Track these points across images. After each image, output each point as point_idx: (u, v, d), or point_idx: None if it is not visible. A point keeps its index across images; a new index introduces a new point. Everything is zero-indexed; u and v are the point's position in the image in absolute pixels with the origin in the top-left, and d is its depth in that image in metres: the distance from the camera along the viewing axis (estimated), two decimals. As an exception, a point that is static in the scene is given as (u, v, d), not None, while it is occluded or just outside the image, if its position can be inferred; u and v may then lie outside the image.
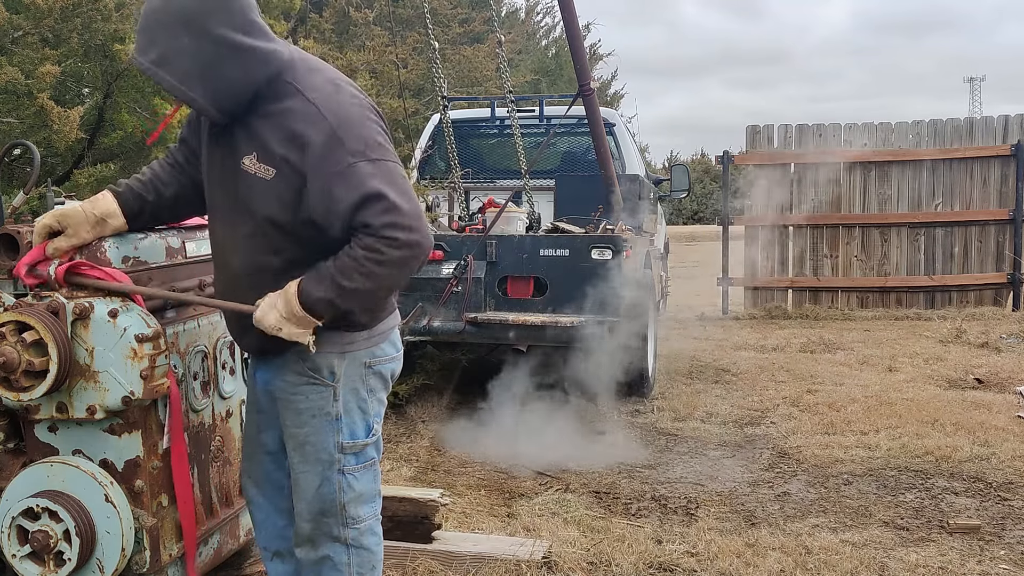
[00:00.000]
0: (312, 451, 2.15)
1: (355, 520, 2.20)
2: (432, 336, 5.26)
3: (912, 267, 10.92)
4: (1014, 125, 10.72)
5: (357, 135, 1.99)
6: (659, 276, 7.41)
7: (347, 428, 2.16)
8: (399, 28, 11.37)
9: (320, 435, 2.15)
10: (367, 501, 2.22)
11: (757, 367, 7.27)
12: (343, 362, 2.14)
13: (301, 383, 2.14)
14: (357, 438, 2.17)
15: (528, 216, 6.11)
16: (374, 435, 2.21)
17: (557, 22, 19.41)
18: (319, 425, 2.15)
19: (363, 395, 2.18)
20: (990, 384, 6.50)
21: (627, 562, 3.21)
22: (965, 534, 3.60)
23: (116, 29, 5.72)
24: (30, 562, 2.12)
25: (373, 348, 2.19)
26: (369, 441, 2.20)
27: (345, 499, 2.17)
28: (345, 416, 2.16)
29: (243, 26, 1.99)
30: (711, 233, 26.67)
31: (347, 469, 2.17)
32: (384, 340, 2.22)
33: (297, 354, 2.12)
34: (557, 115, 7.45)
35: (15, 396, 2.07)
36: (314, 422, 2.15)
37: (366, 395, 2.19)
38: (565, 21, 5.85)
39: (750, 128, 11.33)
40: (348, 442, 2.16)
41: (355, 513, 2.19)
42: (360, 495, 2.20)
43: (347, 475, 2.17)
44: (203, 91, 1.99)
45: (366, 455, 2.20)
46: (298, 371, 2.14)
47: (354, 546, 2.21)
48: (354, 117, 2.02)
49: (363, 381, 2.18)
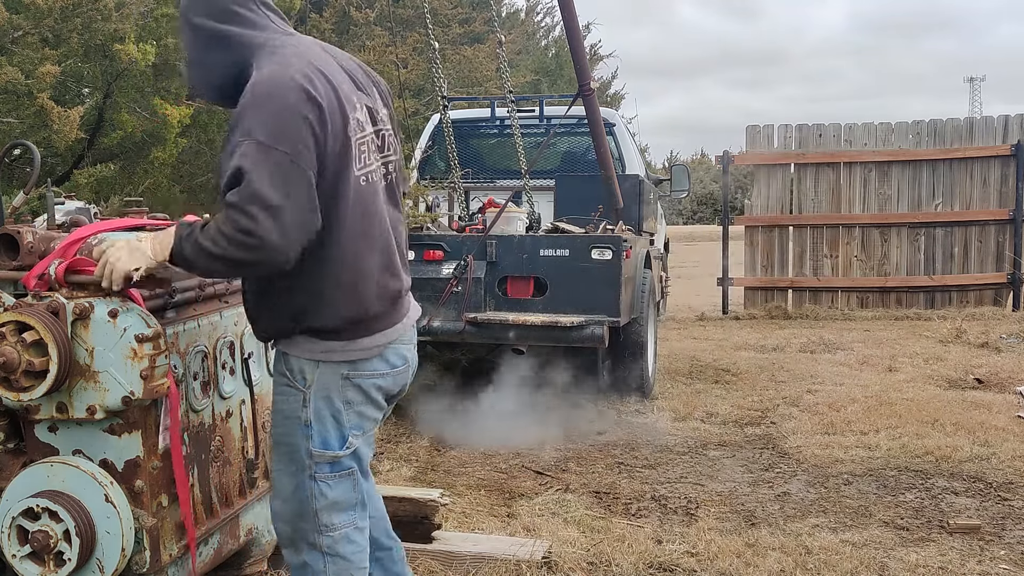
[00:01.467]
0: (286, 452, 2.15)
1: (328, 528, 2.15)
2: (432, 336, 5.26)
3: (912, 267, 10.93)
4: (1014, 125, 10.73)
5: (261, 118, 1.93)
6: (659, 276, 7.41)
7: (318, 436, 2.12)
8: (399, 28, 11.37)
9: (292, 438, 2.14)
10: (343, 510, 2.17)
11: (757, 367, 7.27)
12: (316, 369, 2.11)
13: (282, 383, 2.16)
14: (328, 448, 2.12)
15: (528, 216, 6.11)
16: (349, 448, 2.14)
17: (557, 22, 19.42)
18: (291, 427, 2.14)
19: (338, 406, 2.13)
20: (990, 384, 6.50)
21: (627, 562, 3.21)
22: (965, 534, 3.60)
23: (116, 29, 5.72)
24: (30, 562, 2.12)
25: (356, 361, 2.14)
26: (342, 453, 2.14)
27: (317, 506, 2.14)
28: (316, 424, 2.12)
29: (220, 15, 2.09)
30: (711, 233, 26.70)
31: (319, 476, 2.13)
32: (373, 356, 2.16)
33: (280, 353, 2.16)
34: (557, 115, 7.45)
35: (15, 396, 2.07)
36: (287, 424, 2.15)
37: (341, 406, 2.13)
38: (565, 21, 5.85)
39: (750, 128, 11.34)
40: (318, 451, 2.12)
41: (328, 521, 2.15)
42: (334, 503, 2.15)
43: (319, 482, 2.13)
44: (198, 78, 2.14)
45: (341, 465, 2.14)
46: (280, 370, 2.17)
47: (329, 554, 2.16)
48: (272, 101, 1.95)
49: (339, 392, 2.13)
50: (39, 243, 2.22)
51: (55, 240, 2.24)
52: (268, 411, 2.80)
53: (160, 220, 2.51)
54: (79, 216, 2.60)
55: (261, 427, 2.74)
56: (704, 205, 46.17)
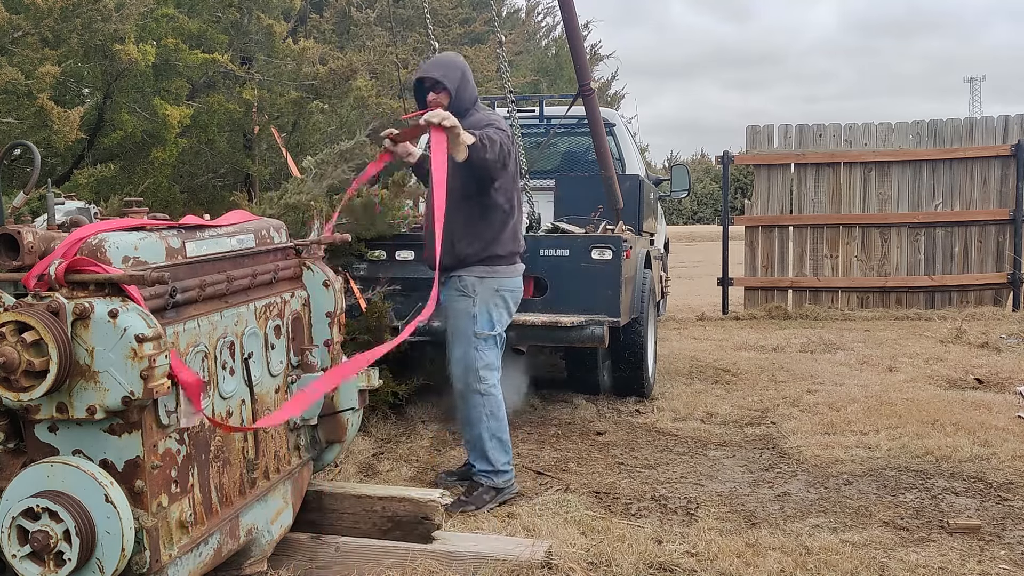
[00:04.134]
0: (461, 334, 3.89)
1: (482, 379, 3.88)
2: (432, 336, 5.25)
3: (912, 267, 10.93)
4: (1014, 125, 10.73)
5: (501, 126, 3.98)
6: (659, 276, 7.41)
7: (479, 322, 3.88)
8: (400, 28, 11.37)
9: (464, 325, 3.88)
10: (492, 368, 3.92)
11: (757, 367, 7.27)
12: (481, 284, 3.89)
13: (457, 295, 3.90)
14: (485, 328, 3.89)
15: (528, 216, 6.10)
16: (496, 329, 3.92)
17: (557, 22, 19.41)
18: (465, 319, 3.88)
19: (490, 306, 3.90)
20: (990, 384, 6.50)
21: (627, 562, 3.21)
22: (965, 534, 3.60)
23: (116, 29, 5.71)
24: (30, 562, 2.12)
25: (501, 279, 3.92)
26: (493, 332, 3.91)
27: (478, 364, 3.87)
28: (479, 316, 3.87)
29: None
30: (711, 233, 26.70)
31: (479, 347, 3.88)
32: (508, 276, 3.95)
33: (455, 277, 3.90)
34: (557, 115, 7.44)
35: (15, 396, 2.07)
36: (462, 316, 3.89)
37: (492, 307, 3.91)
38: (565, 21, 5.85)
39: (750, 128, 11.34)
40: (481, 330, 3.88)
41: (484, 375, 3.89)
42: (487, 364, 3.90)
43: (479, 350, 3.88)
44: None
45: (491, 341, 3.91)
46: (456, 287, 3.90)
47: (484, 394, 3.90)
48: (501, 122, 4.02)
49: (492, 296, 3.91)
50: (39, 243, 2.22)
51: (55, 240, 2.24)
52: (268, 411, 2.81)
53: (160, 220, 2.51)
54: (79, 216, 2.60)
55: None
56: (704, 205, 46.16)
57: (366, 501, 3.20)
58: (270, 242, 2.94)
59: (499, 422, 3.97)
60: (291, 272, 3.04)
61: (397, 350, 5.32)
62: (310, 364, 3.03)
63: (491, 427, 3.94)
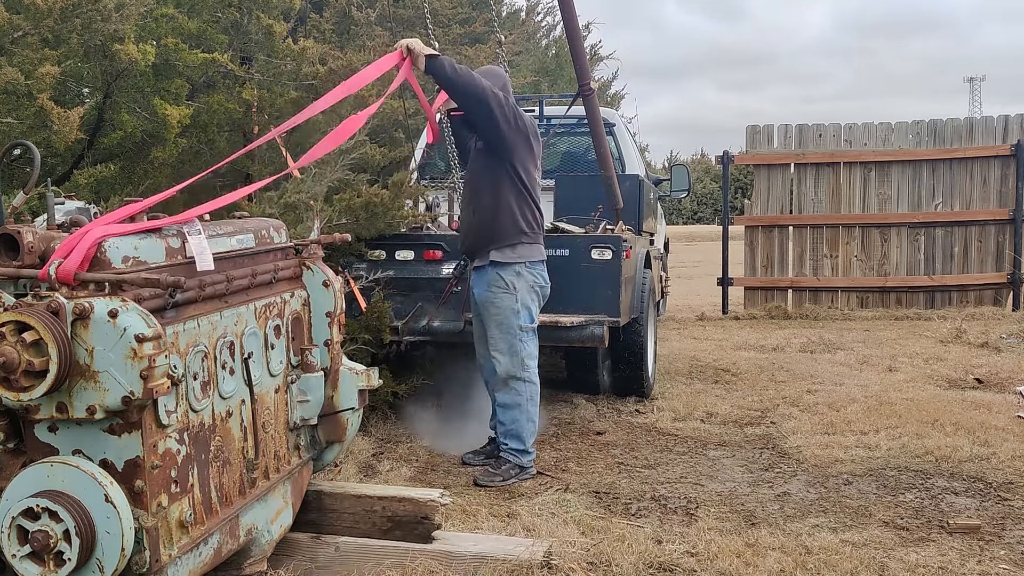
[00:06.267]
0: (506, 327, 4.32)
1: (527, 367, 4.34)
2: (432, 336, 5.26)
3: (912, 267, 10.93)
4: (1014, 125, 10.73)
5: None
6: (659, 276, 7.41)
7: (523, 316, 4.32)
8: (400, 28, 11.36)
9: (509, 319, 4.31)
10: (533, 358, 4.37)
11: (757, 367, 7.27)
12: (519, 280, 4.32)
13: (500, 292, 4.32)
14: (527, 322, 4.34)
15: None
16: (534, 321, 4.38)
17: (557, 22, 19.39)
18: (509, 314, 4.31)
19: (528, 301, 4.35)
20: (990, 384, 6.50)
21: (627, 562, 3.21)
22: (965, 534, 3.60)
23: (116, 29, 5.70)
24: (30, 562, 2.12)
25: (536, 274, 4.40)
26: (533, 325, 4.36)
27: (523, 354, 4.32)
28: (522, 310, 4.32)
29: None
30: (711, 233, 26.68)
31: (523, 339, 4.33)
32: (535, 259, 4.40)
33: (496, 274, 4.32)
34: (557, 115, 7.44)
35: (15, 396, 2.07)
36: (506, 311, 4.31)
37: (530, 301, 4.36)
38: (565, 21, 5.84)
39: (750, 128, 11.34)
40: (525, 324, 4.33)
41: (528, 363, 4.35)
42: (530, 354, 4.35)
43: (523, 342, 4.33)
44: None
45: (532, 333, 4.37)
46: (498, 284, 4.32)
47: (527, 381, 4.35)
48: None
49: (528, 292, 4.35)
50: (39, 243, 2.22)
51: (55, 240, 2.24)
52: (268, 411, 2.81)
53: (160, 221, 2.51)
54: (79, 216, 2.60)
55: (261, 427, 2.74)
56: (704, 205, 46.14)
57: (366, 501, 3.20)
58: (270, 242, 2.94)
59: (535, 407, 4.43)
60: (291, 272, 3.04)
61: (397, 350, 5.35)
62: (310, 364, 3.02)
63: (529, 411, 4.39)
